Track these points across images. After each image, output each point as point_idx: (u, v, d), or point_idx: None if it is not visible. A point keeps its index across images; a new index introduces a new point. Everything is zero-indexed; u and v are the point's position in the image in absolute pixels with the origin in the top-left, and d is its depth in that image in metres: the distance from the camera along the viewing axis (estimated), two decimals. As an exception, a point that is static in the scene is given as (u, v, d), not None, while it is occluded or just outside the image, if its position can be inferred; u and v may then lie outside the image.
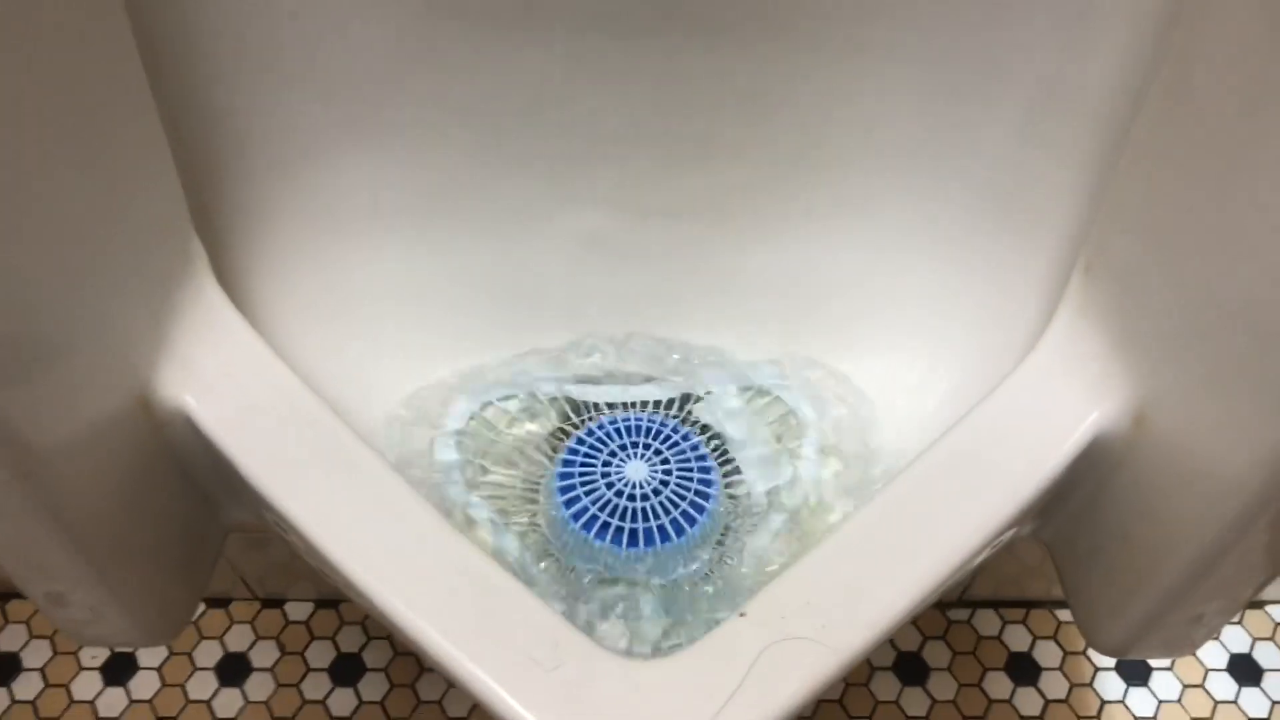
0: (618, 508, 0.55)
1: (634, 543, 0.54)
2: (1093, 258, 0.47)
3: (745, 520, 0.57)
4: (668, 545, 0.54)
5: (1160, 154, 0.43)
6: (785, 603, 0.42)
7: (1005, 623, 0.90)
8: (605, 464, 0.57)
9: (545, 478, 0.58)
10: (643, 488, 0.56)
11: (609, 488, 0.56)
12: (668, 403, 0.62)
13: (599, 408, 0.61)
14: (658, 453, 0.58)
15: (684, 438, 0.58)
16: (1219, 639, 0.89)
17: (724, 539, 0.57)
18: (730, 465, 0.59)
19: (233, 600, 0.92)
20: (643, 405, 0.61)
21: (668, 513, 0.55)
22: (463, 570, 0.42)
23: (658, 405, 0.61)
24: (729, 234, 0.62)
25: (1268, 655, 0.88)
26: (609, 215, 0.61)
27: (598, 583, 0.55)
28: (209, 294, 0.48)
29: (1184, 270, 0.41)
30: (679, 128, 0.57)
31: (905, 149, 0.57)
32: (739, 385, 0.61)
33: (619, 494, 0.56)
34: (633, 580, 0.55)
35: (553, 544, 0.57)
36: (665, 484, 0.56)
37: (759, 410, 0.61)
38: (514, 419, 0.61)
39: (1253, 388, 0.38)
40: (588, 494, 0.56)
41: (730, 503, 0.58)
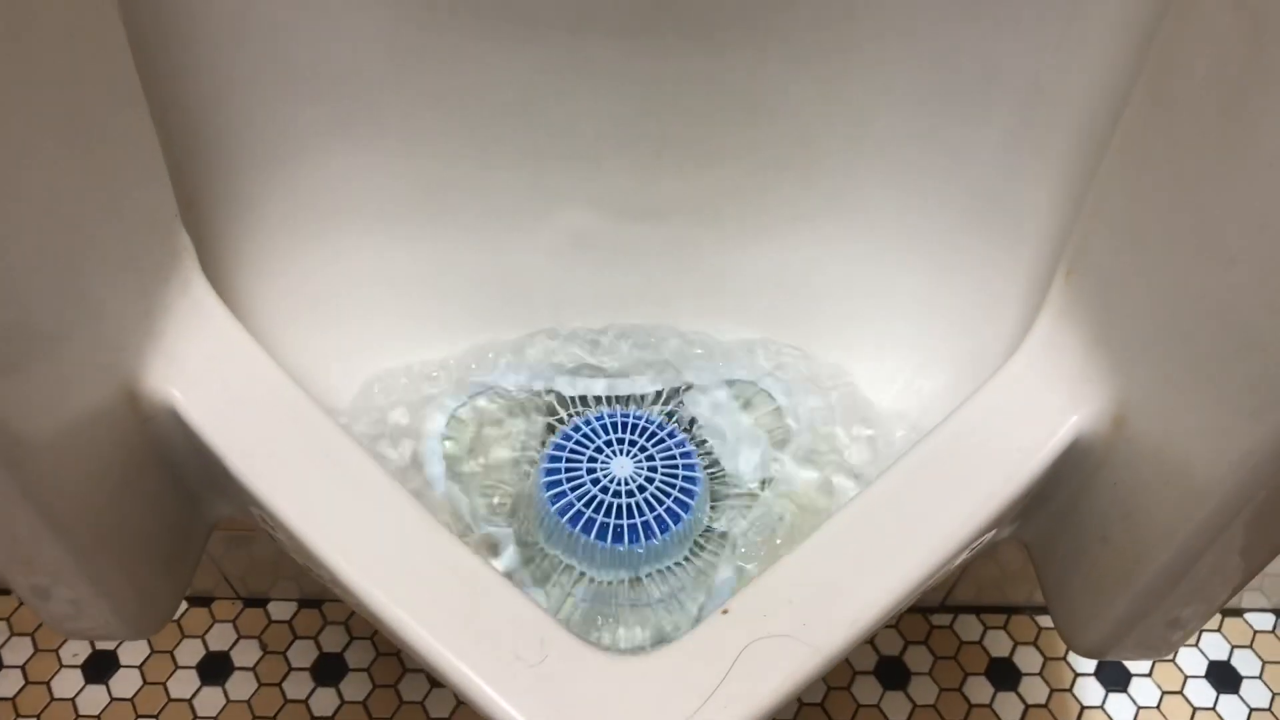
0: (603, 503, 0.56)
1: (619, 538, 0.55)
2: (1074, 261, 0.48)
3: (729, 516, 0.58)
4: (652, 541, 0.55)
5: (1140, 158, 0.43)
6: (767, 601, 0.42)
7: (987, 628, 0.91)
8: (591, 460, 0.57)
9: (531, 473, 0.58)
10: (628, 484, 0.56)
11: (594, 484, 0.56)
12: (654, 396, 0.62)
13: (585, 402, 0.62)
14: (643, 449, 0.58)
15: (669, 434, 0.59)
16: (1198, 646, 0.90)
17: (708, 535, 0.57)
18: (714, 461, 0.60)
19: (215, 599, 0.92)
20: (629, 400, 0.62)
21: (652, 509, 0.56)
22: (447, 565, 0.42)
23: (643, 400, 0.62)
24: (717, 235, 0.62)
25: (1246, 662, 0.89)
26: (597, 215, 0.61)
27: (583, 578, 0.55)
28: (196, 288, 0.48)
29: (1163, 273, 0.42)
30: (668, 128, 0.58)
31: (894, 152, 0.57)
32: (724, 379, 0.62)
33: (604, 490, 0.56)
34: (617, 575, 0.55)
35: (538, 539, 0.57)
36: (650, 480, 0.57)
37: (743, 405, 0.61)
38: (500, 413, 0.61)
39: (1230, 390, 0.39)
40: (573, 490, 0.56)
41: (714, 499, 0.58)
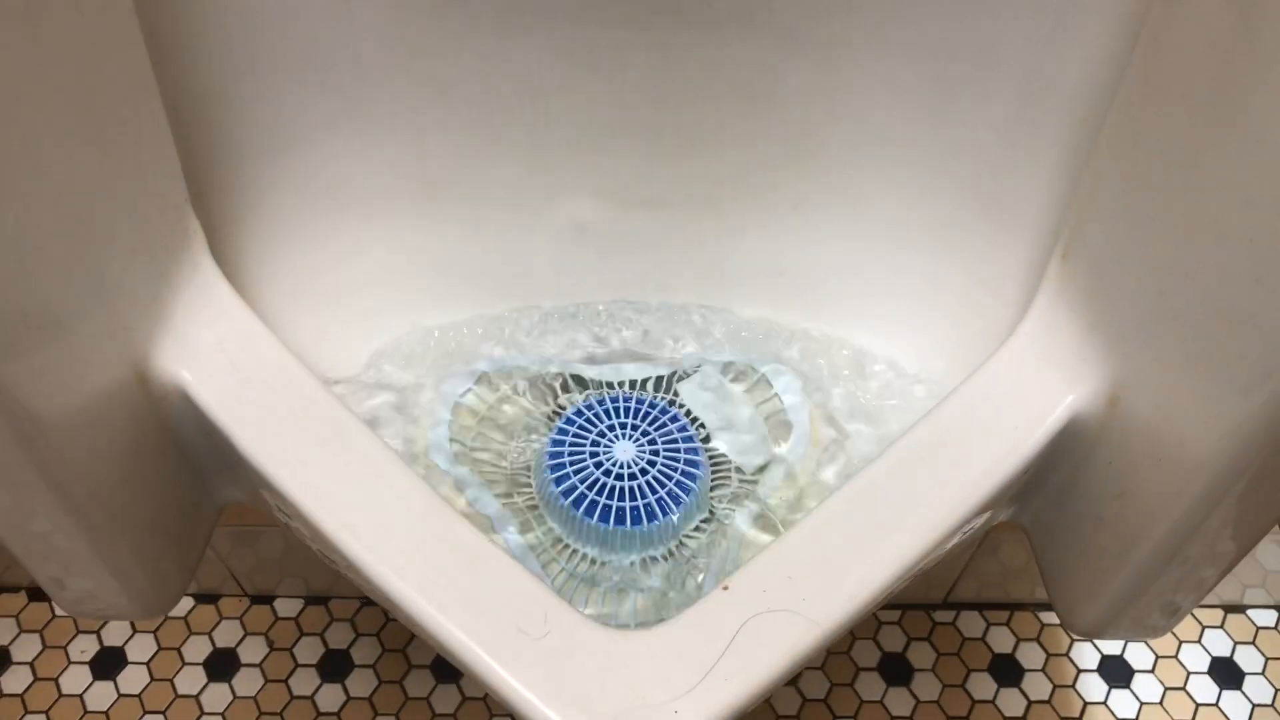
0: (606, 486, 0.56)
1: (621, 520, 0.55)
2: (1069, 244, 0.48)
3: (729, 498, 0.58)
4: (654, 523, 0.55)
5: (1132, 140, 0.44)
6: (767, 577, 0.43)
7: (989, 624, 0.91)
8: (594, 444, 0.58)
9: (536, 456, 0.59)
10: (630, 467, 0.57)
11: (597, 467, 0.57)
12: (657, 380, 0.63)
13: (588, 384, 0.62)
14: (645, 433, 0.59)
15: (671, 419, 0.59)
16: (1200, 642, 0.90)
17: (709, 517, 0.58)
18: (716, 444, 0.61)
19: (222, 596, 0.92)
20: (631, 384, 0.62)
21: (654, 492, 0.56)
22: (453, 543, 0.43)
23: (645, 384, 0.63)
24: (718, 222, 0.63)
25: (1249, 659, 0.89)
26: (599, 203, 0.62)
27: (585, 558, 0.56)
28: (206, 271, 0.49)
29: (1156, 253, 0.42)
30: (669, 118, 0.58)
31: (892, 141, 0.58)
32: (725, 364, 0.62)
33: (607, 473, 0.57)
34: (619, 557, 0.56)
35: (542, 519, 0.57)
36: (652, 464, 0.57)
37: (745, 390, 0.62)
38: (505, 396, 0.62)
39: (1219, 366, 0.39)
40: (576, 473, 0.57)
41: (716, 482, 0.59)
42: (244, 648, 0.89)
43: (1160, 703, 0.86)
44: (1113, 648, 0.89)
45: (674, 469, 0.57)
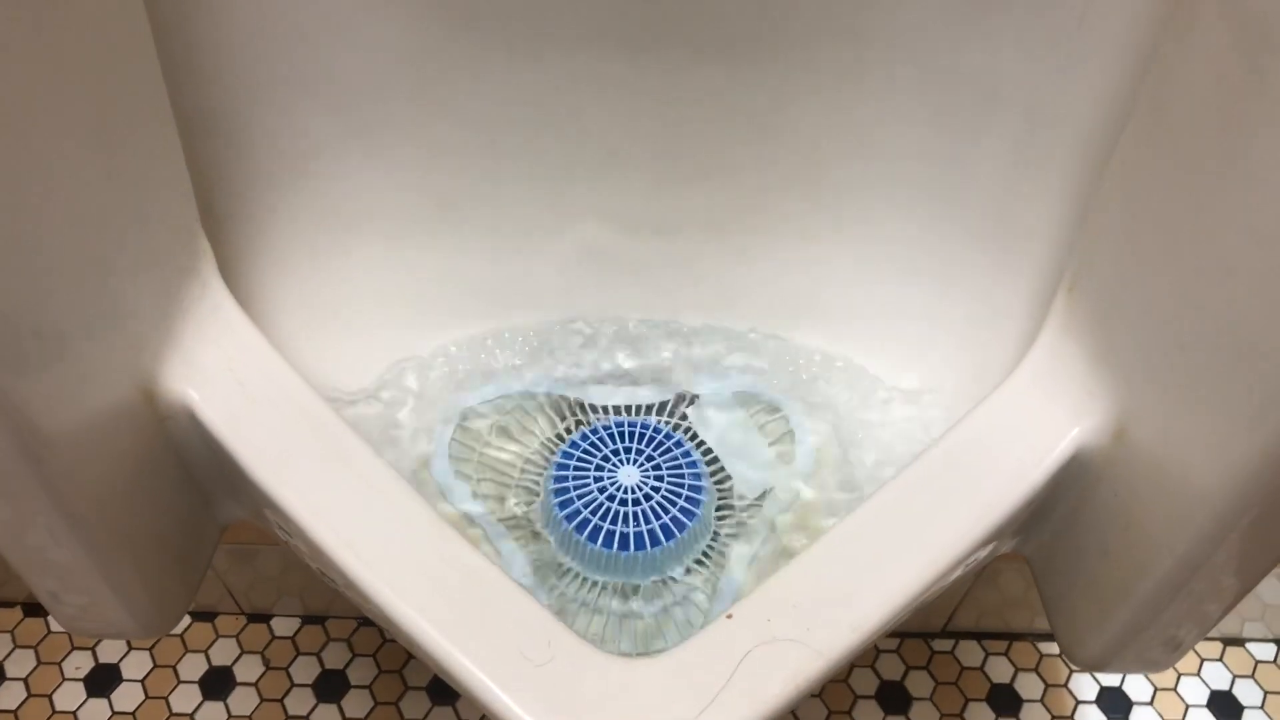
0: (610, 511, 0.56)
1: (625, 545, 0.55)
2: (1076, 276, 0.49)
3: (733, 525, 0.58)
4: (658, 548, 0.55)
5: (1140, 173, 0.44)
6: (771, 606, 0.43)
7: (988, 654, 0.91)
8: (599, 468, 0.58)
9: (541, 479, 0.59)
10: (634, 492, 0.57)
11: (601, 491, 0.57)
12: (661, 405, 0.63)
13: (594, 409, 0.62)
14: (650, 459, 0.59)
15: (676, 444, 0.60)
16: (1199, 675, 0.89)
17: (713, 543, 0.58)
18: (720, 470, 0.60)
19: (219, 613, 0.92)
20: (637, 409, 0.63)
21: (658, 517, 0.56)
22: (457, 566, 0.43)
23: (650, 409, 0.63)
24: (725, 248, 0.63)
25: (1248, 692, 0.89)
26: (608, 227, 0.62)
27: (589, 583, 0.56)
28: (214, 291, 0.49)
29: (1163, 286, 0.43)
30: (679, 145, 0.59)
31: (900, 170, 0.58)
32: (731, 390, 0.63)
33: (611, 498, 0.57)
34: (623, 581, 0.56)
35: (545, 542, 0.57)
36: (656, 489, 0.58)
37: (750, 416, 0.62)
38: (510, 418, 0.62)
39: (1226, 401, 0.39)
40: (580, 497, 0.57)
41: (720, 507, 0.59)
42: (240, 666, 0.89)
43: (1159, 735, 0.86)
44: (1111, 680, 0.89)
45: (678, 494, 0.57)
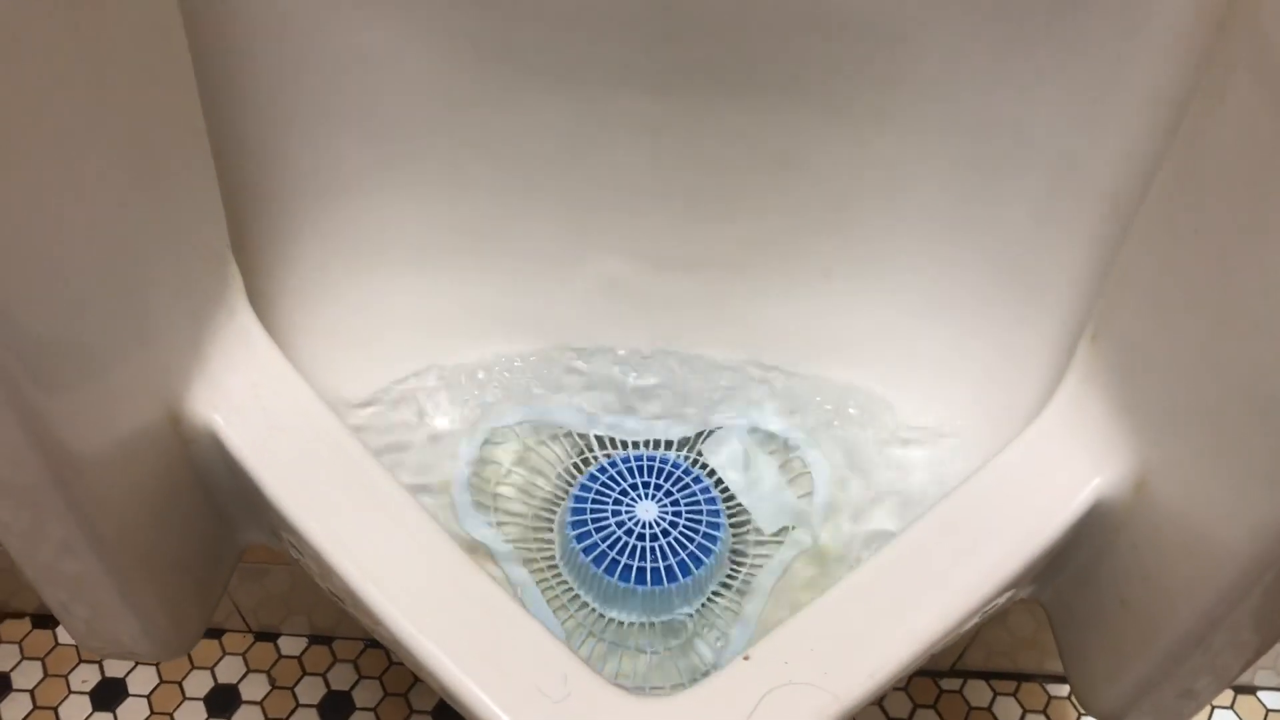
0: (627, 545, 0.56)
1: (641, 580, 0.55)
2: (1099, 328, 0.49)
3: (750, 563, 0.58)
4: (674, 584, 0.55)
5: (1167, 228, 0.44)
6: (789, 648, 0.43)
7: (996, 694, 0.90)
8: (616, 502, 0.58)
9: (559, 512, 0.59)
10: (652, 528, 0.57)
11: (619, 526, 0.57)
12: (680, 441, 0.63)
13: (612, 443, 0.63)
14: (668, 494, 0.59)
15: (694, 480, 0.60)
16: (1209, 722, 0.89)
17: (729, 581, 0.58)
18: (737, 507, 0.61)
19: (226, 631, 0.92)
20: (656, 443, 0.63)
21: (675, 554, 0.56)
22: (475, 598, 0.43)
23: (669, 444, 0.63)
24: (748, 286, 0.63)
25: (1257, 741, 0.88)
26: (631, 262, 0.63)
27: (605, 618, 0.56)
28: (242, 317, 0.49)
29: (1187, 343, 0.43)
30: (704, 183, 0.59)
31: (924, 213, 0.58)
32: (750, 427, 0.63)
33: (629, 532, 0.57)
34: (639, 617, 0.56)
35: (563, 577, 0.57)
36: (674, 525, 0.58)
37: (768, 454, 0.62)
38: (528, 449, 0.62)
39: (1250, 458, 0.39)
40: (598, 531, 0.57)
41: (736, 545, 0.59)
42: (246, 684, 0.89)
43: (1167, 783, 0.85)
44: (1121, 724, 0.89)
45: (696, 530, 0.57)
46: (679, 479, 0.60)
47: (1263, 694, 0.91)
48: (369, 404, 0.61)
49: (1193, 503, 0.43)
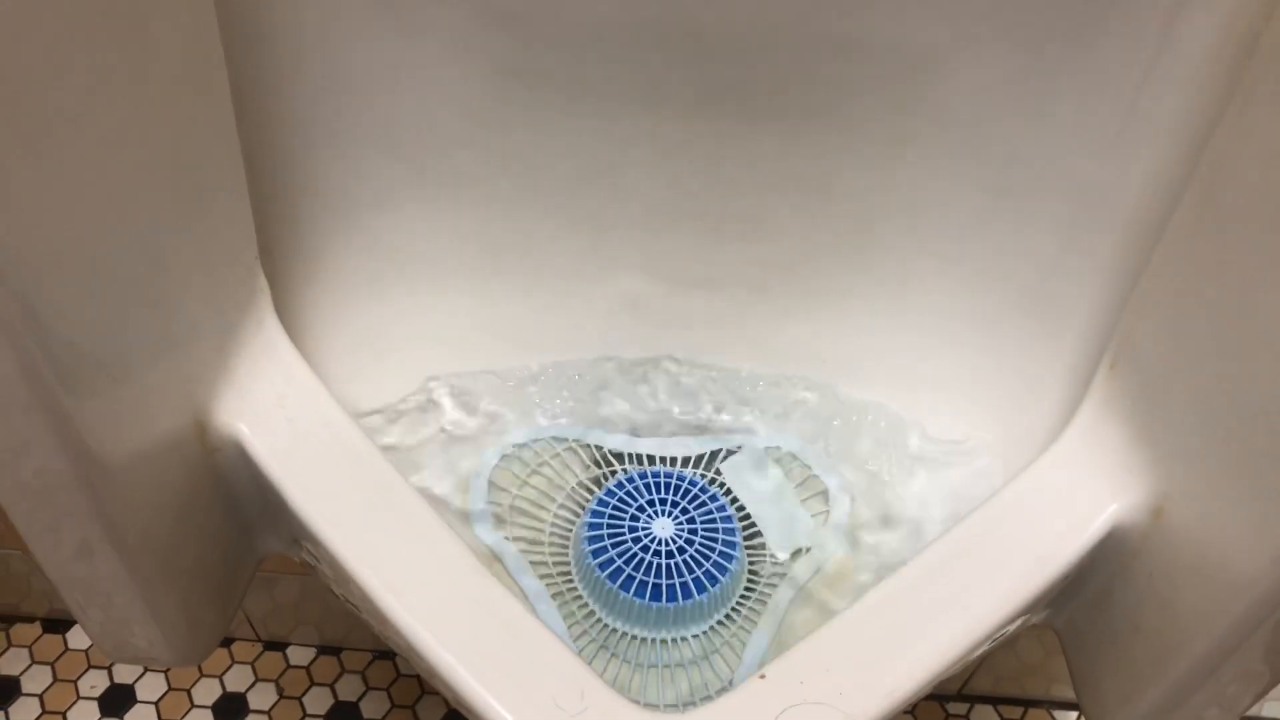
0: (643, 562, 0.57)
1: (657, 597, 0.55)
2: (1118, 354, 0.49)
3: (766, 581, 0.59)
4: (689, 601, 0.55)
5: (1188, 258, 0.45)
6: (804, 667, 0.43)
7: (1002, 719, 0.90)
8: (633, 518, 0.59)
9: (574, 527, 0.60)
10: (668, 544, 0.58)
11: (635, 542, 0.57)
12: (697, 458, 0.63)
13: (630, 459, 0.63)
14: (684, 511, 0.59)
15: (711, 497, 0.60)
16: (1216, 752, 0.89)
17: (745, 599, 0.58)
18: (753, 526, 0.61)
19: (235, 640, 0.92)
20: (673, 460, 0.63)
21: (690, 571, 0.56)
22: (494, 612, 0.43)
23: (685, 461, 0.63)
24: (766, 307, 0.64)
25: (1264, 772, 0.88)
26: (651, 282, 0.63)
27: (621, 634, 0.56)
28: (269, 327, 0.50)
29: (1207, 370, 0.43)
30: (726, 204, 0.60)
31: (945, 238, 0.59)
32: (766, 446, 0.63)
33: (645, 549, 0.57)
34: (654, 633, 0.56)
35: (578, 592, 0.58)
36: (690, 542, 0.58)
37: (785, 474, 0.62)
38: (545, 464, 0.62)
39: (1268, 488, 0.40)
40: (614, 547, 0.57)
41: (752, 564, 0.59)
42: (254, 693, 0.89)
43: (1174, 812, 0.85)
44: (1128, 752, 0.88)
45: (712, 548, 0.58)
46: (695, 496, 0.60)
47: (1271, 725, 0.91)
48: (389, 414, 0.61)
49: (1210, 532, 0.43)
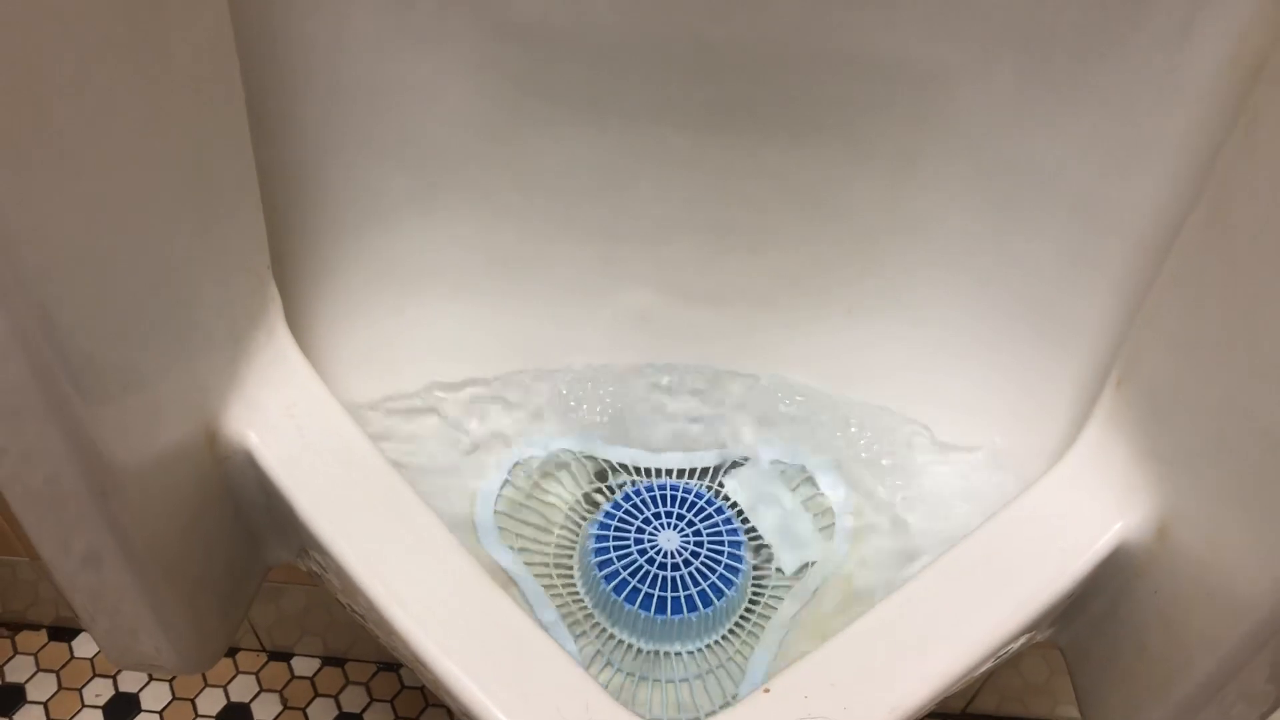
0: (649, 575, 0.57)
1: (662, 609, 0.56)
2: (1125, 371, 0.49)
3: (771, 594, 0.59)
4: (695, 614, 0.56)
5: (1197, 275, 0.45)
6: (809, 682, 0.43)
7: (1007, 738, 0.90)
8: (639, 531, 0.59)
9: (581, 538, 0.60)
10: (674, 557, 0.58)
11: (641, 554, 0.58)
12: (703, 471, 0.64)
13: (636, 471, 0.63)
14: (690, 524, 0.59)
15: (717, 510, 0.60)
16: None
17: (750, 612, 0.58)
18: (759, 539, 0.61)
19: (240, 649, 0.92)
20: (679, 472, 0.63)
21: (697, 584, 0.57)
22: (500, 622, 0.44)
23: (692, 473, 0.63)
24: (774, 320, 0.64)
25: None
26: (659, 294, 0.64)
27: (625, 645, 0.56)
28: (280, 337, 0.50)
29: (1214, 389, 0.43)
30: (733, 218, 0.60)
31: (951, 252, 0.59)
32: (773, 459, 0.63)
33: (651, 561, 0.57)
34: (659, 646, 0.56)
35: (583, 604, 0.58)
36: (696, 555, 0.58)
37: (791, 488, 0.62)
38: (550, 476, 0.63)
39: (1276, 508, 0.40)
40: (620, 559, 0.57)
41: (757, 577, 0.59)
42: (258, 704, 0.89)
43: (1179, 834, 0.84)
44: (1133, 773, 0.88)
45: (718, 561, 0.58)
46: (702, 509, 0.60)
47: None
48: (397, 425, 0.61)
49: (1216, 551, 0.43)
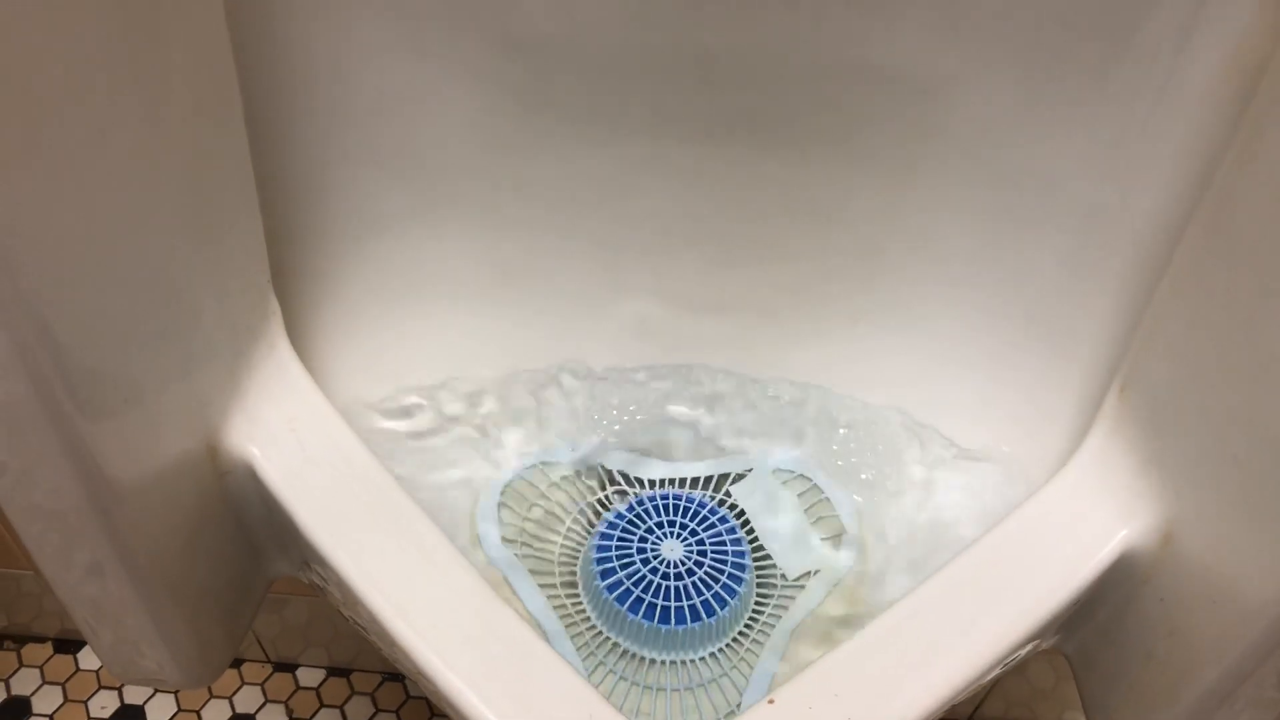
0: (652, 584, 0.57)
1: (665, 619, 0.55)
2: (1128, 380, 0.49)
3: (775, 604, 0.58)
4: (698, 624, 0.55)
5: (1198, 283, 0.45)
6: (813, 692, 0.43)
7: (1015, 745, 0.89)
8: (642, 540, 0.59)
9: (584, 548, 0.60)
10: (677, 567, 0.58)
11: (644, 564, 0.57)
12: (707, 480, 0.64)
13: (639, 481, 0.63)
14: (693, 533, 0.59)
15: (720, 519, 0.60)
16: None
17: (754, 622, 0.58)
18: (763, 548, 0.61)
19: (245, 661, 0.92)
20: (682, 482, 0.63)
21: (700, 594, 0.56)
22: (502, 635, 0.43)
23: (695, 483, 0.63)
24: (775, 331, 0.64)
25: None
26: (662, 305, 0.64)
27: (629, 655, 0.56)
28: (281, 351, 0.50)
29: (1217, 397, 0.43)
30: (735, 229, 0.60)
31: (953, 263, 0.59)
32: (776, 468, 0.63)
33: (654, 571, 0.57)
34: (662, 656, 0.56)
35: (586, 613, 0.58)
36: (699, 565, 0.58)
37: (795, 496, 0.62)
38: (553, 485, 0.63)
39: (1278, 515, 0.40)
40: (623, 568, 0.57)
41: (761, 586, 0.59)
42: (263, 715, 0.89)
43: (1188, 841, 0.84)
44: (1141, 779, 0.87)
45: (721, 571, 0.58)
46: (705, 518, 0.60)
47: (1287, 752, 0.90)
48: (399, 436, 0.61)
49: (1221, 558, 0.43)
